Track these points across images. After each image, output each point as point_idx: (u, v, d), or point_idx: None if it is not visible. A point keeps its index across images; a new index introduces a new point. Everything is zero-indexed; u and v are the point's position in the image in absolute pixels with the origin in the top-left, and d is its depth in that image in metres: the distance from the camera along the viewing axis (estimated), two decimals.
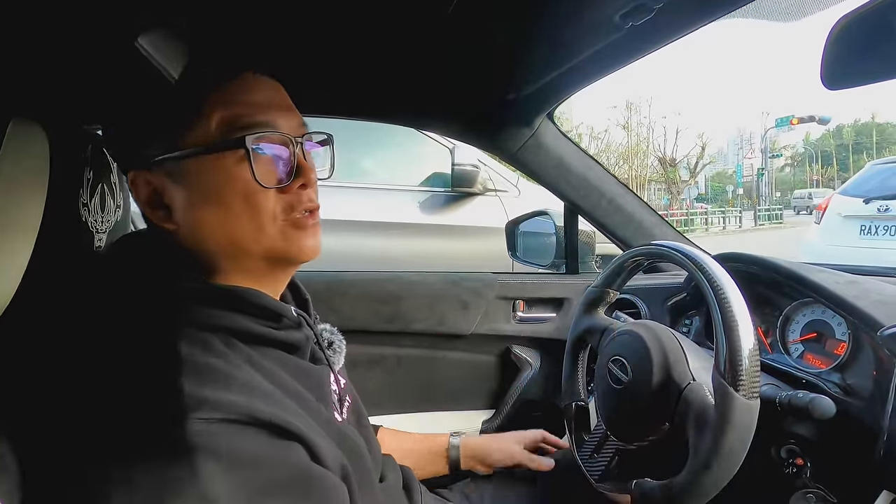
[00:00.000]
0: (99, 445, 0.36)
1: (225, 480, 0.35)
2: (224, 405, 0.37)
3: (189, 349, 0.40)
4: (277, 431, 0.39)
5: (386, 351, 1.12)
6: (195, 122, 0.47)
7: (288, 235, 0.49)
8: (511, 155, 1.08)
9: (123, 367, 0.40)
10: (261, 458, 0.38)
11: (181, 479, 0.34)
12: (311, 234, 0.50)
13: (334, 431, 0.47)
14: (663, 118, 39.43)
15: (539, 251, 1.33)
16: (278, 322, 0.48)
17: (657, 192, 29.21)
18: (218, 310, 0.44)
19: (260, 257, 0.48)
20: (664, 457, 0.67)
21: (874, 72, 0.46)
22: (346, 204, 2.19)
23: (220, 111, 0.47)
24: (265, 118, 0.48)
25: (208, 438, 0.36)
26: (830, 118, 23.37)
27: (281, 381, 0.44)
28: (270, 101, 0.49)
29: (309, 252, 0.50)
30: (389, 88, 0.93)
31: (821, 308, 0.76)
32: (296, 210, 0.49)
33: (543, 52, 0.77)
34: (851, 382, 0.66)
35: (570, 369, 0.86)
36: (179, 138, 0.47)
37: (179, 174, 0.47)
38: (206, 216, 0.47)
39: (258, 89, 0.49)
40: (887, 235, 3.60)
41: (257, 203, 0.47)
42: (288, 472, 0.39)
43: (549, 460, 0.83)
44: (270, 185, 0.47)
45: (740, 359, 0.55)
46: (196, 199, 0.47)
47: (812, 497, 0.64)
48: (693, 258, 0.64)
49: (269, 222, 0.48)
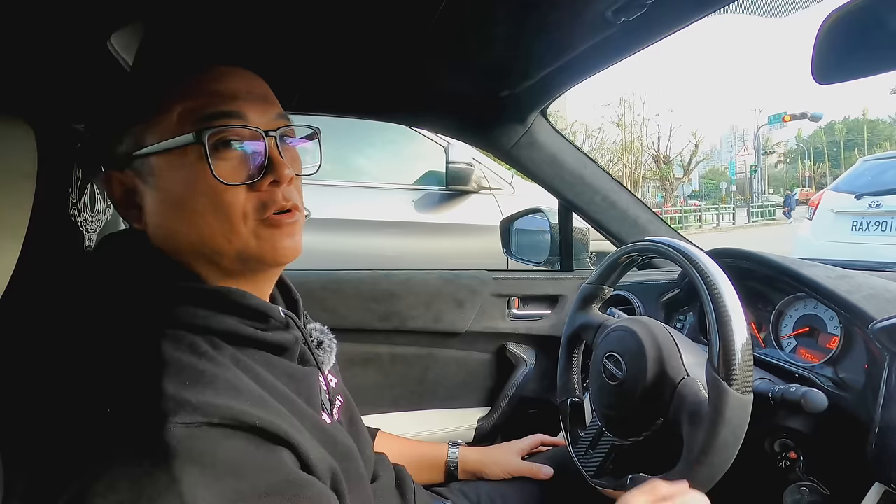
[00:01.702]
0: (78, 449, 0.35)
1: (206, 487, 0.34)
2: (207, 408, 0.36)
3: (173, 350, 0.39)
4: (263, 435, 0.38)
5: (381, 349, 1.12)
6: (158, 117, 0.44)
7: (261, 236, 0.45)
8: (505, 152, 1.08)
9: (105, 369, 0.38)
10: (244, 464, 0.36)
11: (160, 485, 0.33)
12: (288, 233, 0.47)
13: (323, 434, 0.45)
14: (657, 115, 39.56)
15: (534, 248, 1.33)
16: (265, 323, 0.46)
17: (651, 189, 29.36)
18: (203, 310, 0.43)
19: (234, 259, 0.46)
20: (659, 452, 0.67)
21: (864, 66, 0.47)
22: (340, 203, 2.19)
23: (181, 103, 0.44)
24: (231, 108, 0.45)
25: (190, 443, 0.34)
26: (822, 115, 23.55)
27: (268, 383, 0.43)
28: (238, 91, 0.46)
29: (285, 253, 0.47)
30: (383, 86, 0.93)
31: (813, 302, 0.76)
32: (268, 209, 0.45)
33: (536, 49, 0.77)
34: (844, 376, 0.66)
35: (565, 366, 0.86)
36: (144, 135, 0.45)
37: (147, 173, 0.45)
38: (174, 216, 0.45)
39: (226, 79, 0.46)
40: (878, 231, 3.63)
41: (223, 202, 0.44)
42: (272, 480, 0.37)
43: (548, 468, 0.82)
44: (235, 181, 0.44)
45: (733, 354, 0.55)
46: (162, 198, 0.45)
47: (805, 490, 0.64)
48: (686, 254, 0.64)
49: (240, 222, 0.45)
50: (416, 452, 0.84)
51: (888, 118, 48.00)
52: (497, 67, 0.85)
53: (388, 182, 2.40)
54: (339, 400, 0.60)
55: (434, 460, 0.84)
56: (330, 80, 0.89)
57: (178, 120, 0.44)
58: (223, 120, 0.44)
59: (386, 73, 0.87)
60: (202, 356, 0.40)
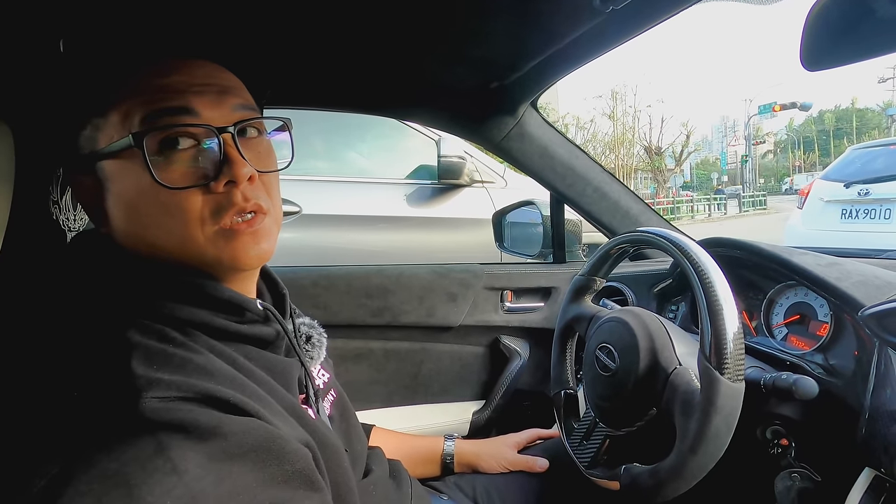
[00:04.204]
0: (52, 435, 0.34)
1: (192, 450, 0.33)
2: (181, 384, 0.35)
3: (141, 338, 0.38)
4: (234, 410, 0.37)
5: (373, 345, 1.12)
6: (106, 117, 0.42)
7: (218, 245, 0.42)
8: (496, 144, 1.08)
9: (74, 357, 0.37)
10: (225, 426, 0.35)
11: (146, 454, 0.32)
12: (250, 241, 0.43)
13: (302, 420, 0.44)
14: (648, 107, 39.68)
15: (526, 241, 1.33)
16: (241, 316, 0.45)
17: (643, 180, 29.46)
18: (173, 302, 0.41)
19: (199, 265, 0.43)
20: (652, 442, 0.68)
21: (853, 52, 0.46)
22: (331, 198, 2.17)
23: (126, 101, 0.41)
24: (178, 104, 0.41)
25: (167, 414, 0.34)
26: (812, 104, 23.70)
27: (245, 368, 0.42)
28: (188, 84, 0.42)
29: (247, 262, 0.44)
30: (373, 80, 0.92)
31: (804, 290, 0.77)
32: (225, 212, 0.42)
33: (525, 40, 0.76)
34: (834, 363, 0.67)
35: (558, 358, 0.86)
36: (97, 136, 0.42)
37: (101, 176, 0.43)
38: (131, 222, 0.43)
39: (176, 71, 0.42)
40: (867, 219, 3.67)
41: (172, 207, 0.41)
42: (252, 438, 0.36)
43: (544, 461, 0.82)
44: (183, 184, 0.41)
45: (725, 343, 0.55)
46: (117, 203, 0.43)
47: (797, 476, 0.65)
48: (678, 244, 0.64)
49: (196, 229, 0.41)
50: (411, 446, 0.84)
51: (877, 106, 48.40)
52: (486, 59, 0.84)
53: (379, 176, 2.38)
54: (331, 395, 0.59)
55: (430, 454, 0.84)
56: (319, 74, 0.88)
57: (124, 120, 0.41)
58: (168, 118, 0.41)
59: (375, 67, 0.86)
60: (171, 342, 0.39)
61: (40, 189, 0.51)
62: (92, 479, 0.31)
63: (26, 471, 0.32)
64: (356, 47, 0.77)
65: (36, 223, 0.51)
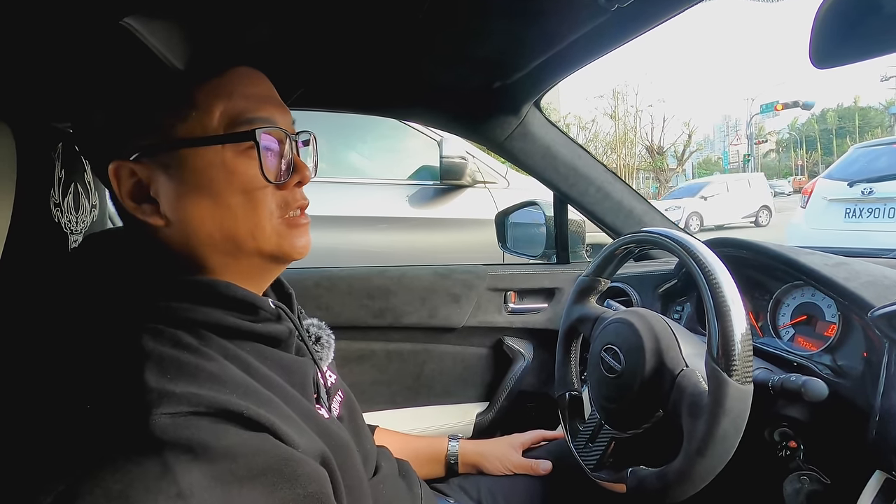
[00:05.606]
0: (61, 449, 0.34)
1: (200, 471, 0.33)
2: (192, 398, 0.36)
3: (154, 344, 0.38)
4: (247, 424, 0.37)
5: (376, 346, 1.11)
6: (191, 111, 0.45)
7: (282, 234, 0.48)
8: (498, 144, 1.07)
9: (85, 367, 0.38)
10: (235, 447, 0.36)
11: (152, 475, 0.32)
12: (304, 232, 0.51)
13: (317, 425, 0.45)
14: (650, 106, 39.52)
15: (529, 242, 1.32)
16: (254, 314, 0.47)
17: (645, 180, 29.39)
18: (186, 303, 0.42)
19: (254, 254, 0.48)
20: (659, 444, 0.67)
21: (862, 49, 0.46)
22: (334, 199, 2.17)
23: (222, 103, 0.46)
24: (266, 113, 0.47)
25: (176, 432, 0.34)
26: (814, 103, 23.61)
27: (259, 373, 0.43)
28: (267, 96, 0.49)
29: (302, 251, 0.50)
30: (375, 81, 0.91)
31: (811, 290, 0.76)
32: (290, 207, 0.49)
33: (528, 39, 0.76)
34: (842, 364, 0.66)
35: (562, 359, 0.85)
36: (173, 128, 0.45)
37: (172, 165, 0.45)
38: (200, 211, 0.45)
39: (255, 83, 0.49)
40: (871, 217, 3.65)
41: (257, 199, 0.46)
42: (263, 460, 0.37)
43: (547, 463, 0.81)
44: (273, 180, 0.47)
45: (733, 344, 0.55)
46: (190, 192, 0.45)
47: (806, 479, 0.64)
48: (684, 244, 0.63)
49: (267, 219, 0.47)
50: (415, 447, 0.83)
51: (879, 105, 48.21)
52: (489, 58, 0.84)
53: (381, 177, 2.38)
54: (339, 395, 0.59)
55: (434, 454, 0.84)
56: (321, 76, 0.88)
57: (220, 118, 0.45)
58: (261, 123, 0.47)
59: (377, 68, 0.85)
60: (185, 348, 0.39)
61: (41, 191, 0.51)
62: (96, 500, 0.31)
63: (34, 486, 0.33)
64: (359, 48, 0.77)
65: (38, 226, 0.51)
